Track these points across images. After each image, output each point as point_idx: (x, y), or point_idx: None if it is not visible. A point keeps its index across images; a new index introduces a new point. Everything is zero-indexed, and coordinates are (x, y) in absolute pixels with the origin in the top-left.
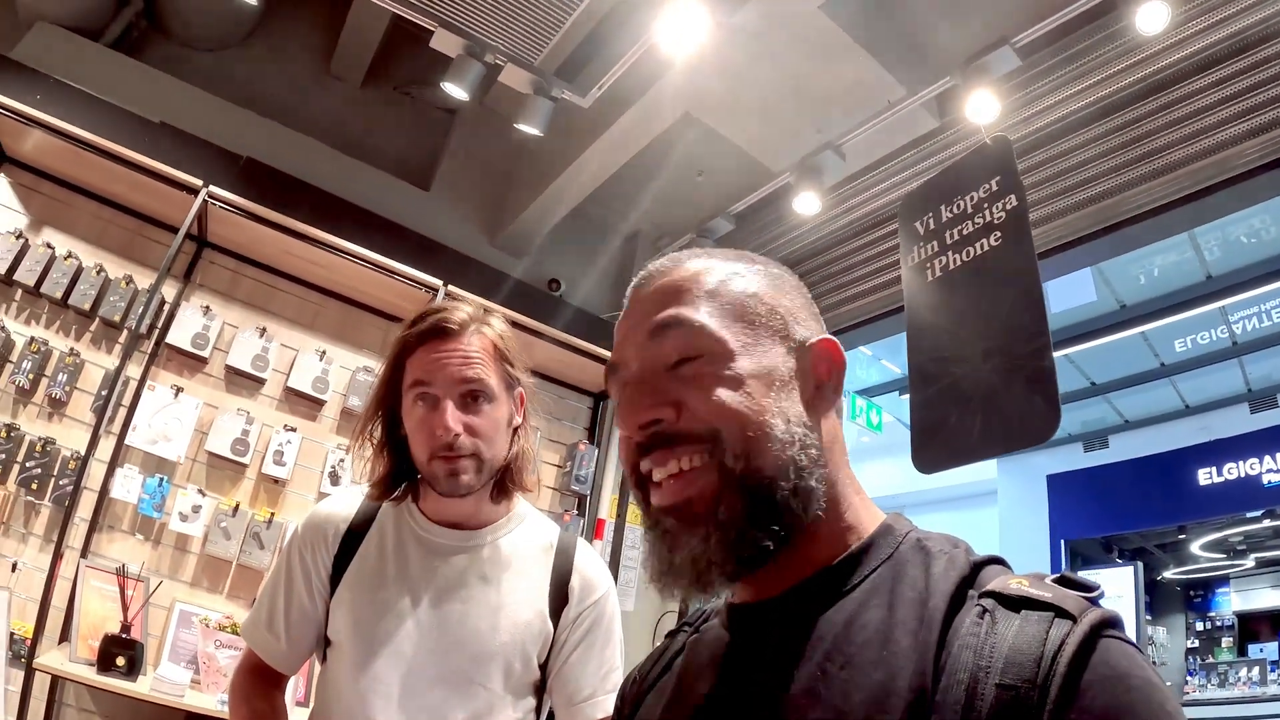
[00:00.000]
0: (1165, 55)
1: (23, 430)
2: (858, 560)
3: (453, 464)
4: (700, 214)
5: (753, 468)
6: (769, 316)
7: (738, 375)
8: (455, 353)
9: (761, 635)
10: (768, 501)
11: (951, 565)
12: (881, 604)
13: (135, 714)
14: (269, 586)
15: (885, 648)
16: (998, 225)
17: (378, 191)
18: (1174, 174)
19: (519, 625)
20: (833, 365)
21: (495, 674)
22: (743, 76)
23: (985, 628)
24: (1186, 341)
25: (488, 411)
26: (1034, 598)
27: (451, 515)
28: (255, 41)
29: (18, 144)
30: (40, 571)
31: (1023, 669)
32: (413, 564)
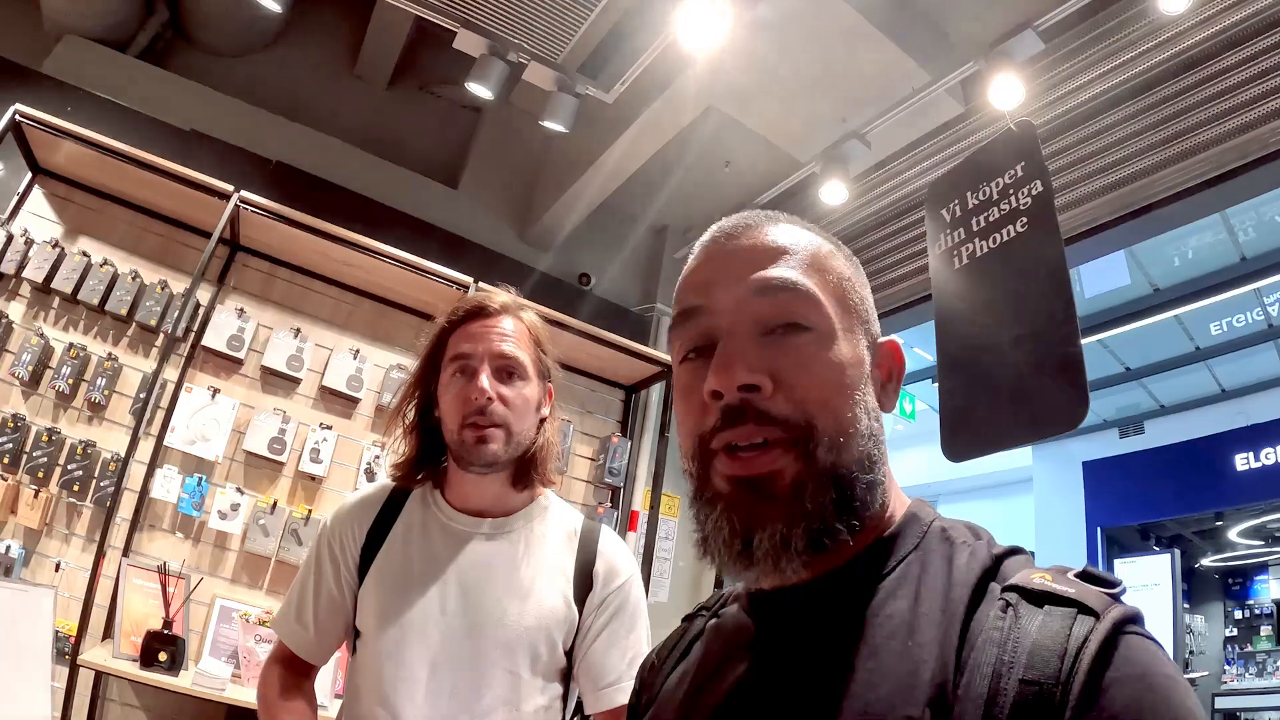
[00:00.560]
0: (1190, 34)
1: (64, 434)
2: (886, 549)
3: (482, 431)
4: (728, 205)
5: (842, 460)
6: (860, 304)
7: (840, 361)
8: (494, 329)
9: (789, 624)
10: (849, 493)
11: (974, 557)
12: (908, 594)
13: (177, 708)
14: (299, 579)
15: (910, 639)
16: (1024, 211)
17: (406, 191)
18: (1203, 155)
19: (544, 611)
20: (895, 366)
21: (522, 659)
22: (765, 67)
23: (1009, 623)
24: (1221, 324)
25: (520, 388)
26: (1057, 593)
27: (477, 503)
28: (280, 47)
29: (51, 155)
30: (83, 571)
31: (1046, 665)
32: (438, 552)
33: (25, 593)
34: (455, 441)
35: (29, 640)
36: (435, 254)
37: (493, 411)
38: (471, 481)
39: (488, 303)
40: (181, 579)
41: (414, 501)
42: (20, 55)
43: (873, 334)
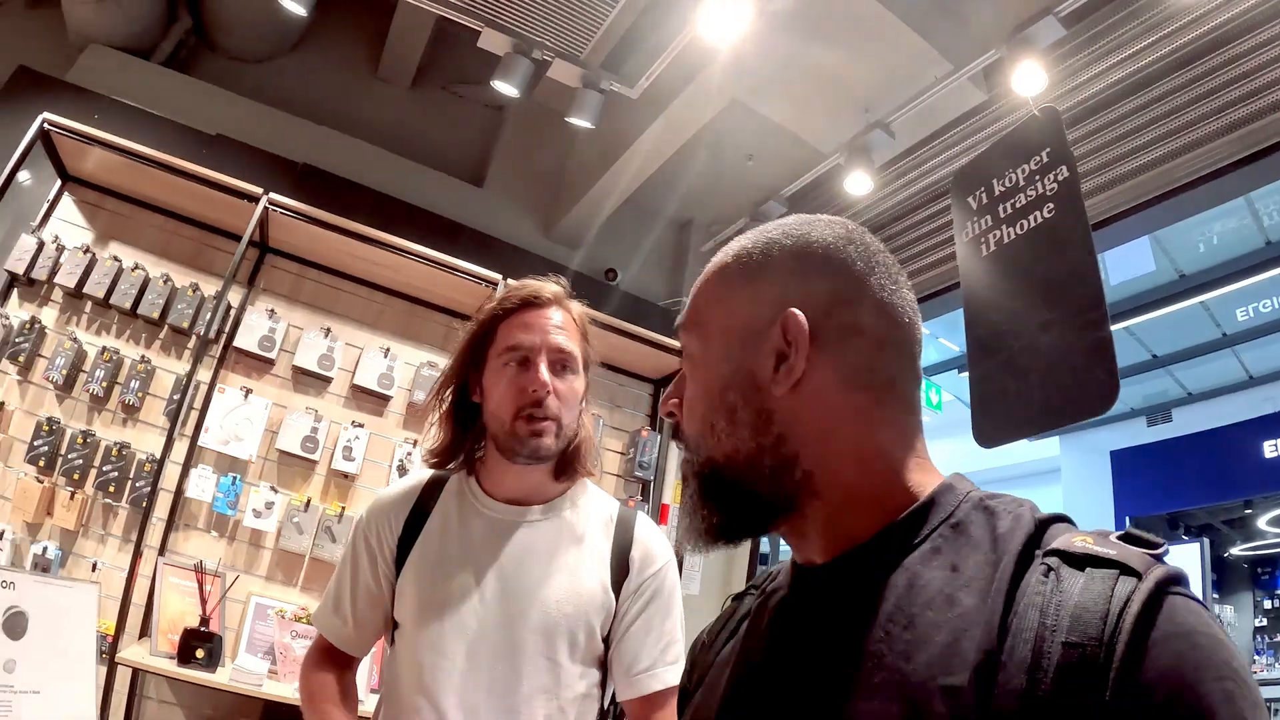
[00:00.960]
0: (1213, 16)
1: (99, 436)
2: (918, 520)
3: (537, 424)
4: (752, 198)
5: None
6: (726, 320)
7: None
8: (549, 320)
9: (821, 597)
10: (717, 484)
11: (1017, 523)
12: (943, 564)
13: (214, 704)
14: (337, 573)
15: (949, 609)
16: (1050, 197)
17: (432, 190)
18: (1226, 138)
19: (582, 597)
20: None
21: (560, 646)
22: (787, 59)
23: (1050, 586)
24: (1248, 310)
25: (571, 381)
26: (1099, 555)
27: (514, 491)
28: (303, 50)
29: (80, 163)
30: (119, 570)
31: (1089, 627)
32: (475, 541)
33: (70, 589)
34: (505, 432)
35: (73, 637)
36: (462, 252)
37: (549, 405)
38: (513, 471)
39: (541, 293)
40: (217, 577)
41: (449, 491)
42: (46, 65)
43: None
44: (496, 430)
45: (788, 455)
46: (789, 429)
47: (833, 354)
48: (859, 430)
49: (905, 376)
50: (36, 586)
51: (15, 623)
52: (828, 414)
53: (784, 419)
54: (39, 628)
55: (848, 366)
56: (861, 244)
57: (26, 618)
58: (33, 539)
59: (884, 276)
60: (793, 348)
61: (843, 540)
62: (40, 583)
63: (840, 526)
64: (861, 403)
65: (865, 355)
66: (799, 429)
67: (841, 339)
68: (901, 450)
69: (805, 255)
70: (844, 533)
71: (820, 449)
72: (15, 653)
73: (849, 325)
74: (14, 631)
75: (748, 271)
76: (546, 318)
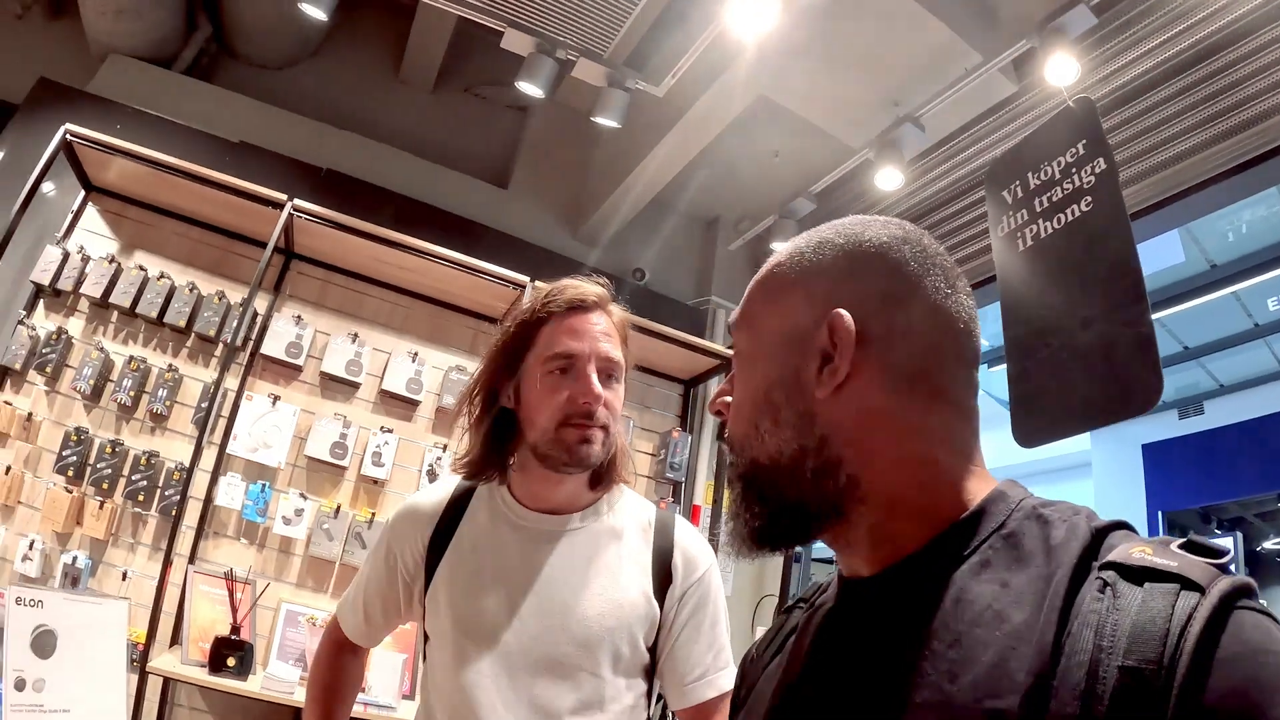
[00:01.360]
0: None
1: (127, 445)
2: (967, 530)
3: (586, 431)
4: (780, 195)
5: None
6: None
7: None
8: (596, 327)
9: (866, 612)
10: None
11: (1072, 534)
12: (993, 578)
13: (245, 712)
14: (362, 571)
15: (998, 626)
16: (1088, 190)
17: (457, 193)
18: (1260, 127)
19: (624, 608)
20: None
21: (603, 659)
22: (815, 53)
23: (1107, 603)
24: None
25: (617, 390)
26: (1158, 568)
27: (548, 501)
28: (323, 56)
29: (103, 173)
30: (149, 579)
31: (1147, 649)
32: (509, 552)
33: (99, 605)
34: (549, 440)
35: (103, 653)
36: (487, 254)
37: (599, 415)
38: (551, 480)
39: (586, 296)
40: (248, 584)
41: (480, 500)
42: (67, 76)
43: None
44: (538, 438)
45: (830, 459)
46: (832, 432)
47: (880, 356)
48: (905, 435)
49: (958, 381)
50: (65, 604)
51: (44, 641)
52: (872, 417)
53: (826, 421)
54: (68, 645)
55: (895, 369)
56: (918, 245)
57: (55, 636)
58: (63, 549)
59: (939, 279)
60: (837, 349)
61: (890, 551)
62: (69, 600)
63: (887, 536)
64: (908, 406)
65: (915, 358)
66: (842, 432)
67: (890, 341)
68: (952, 457)
69: (857, 255)
70: (891, 542)
71: (864, 453)
72: (45, 671)
73: (899, 327)
74: (43, 650)
75: (799, 270)
76: (593, 323)
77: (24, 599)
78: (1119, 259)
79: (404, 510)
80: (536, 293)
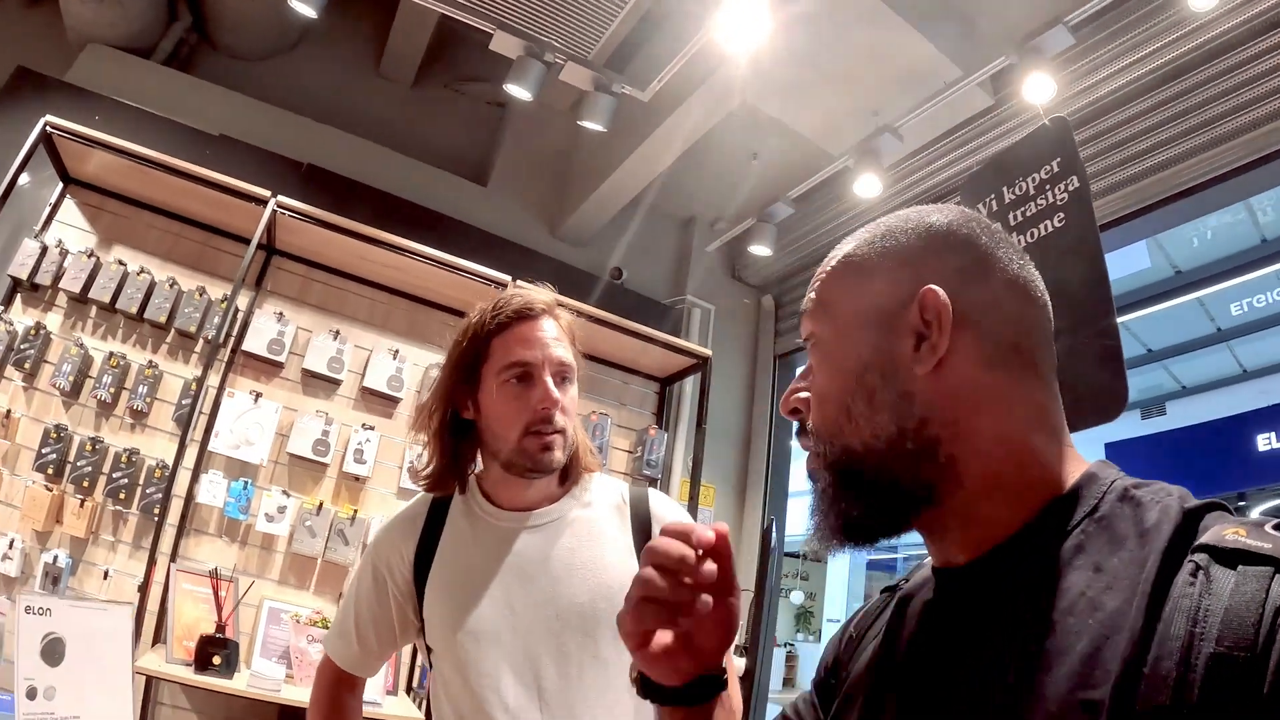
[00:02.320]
0: (1215, 25)
1: (107, 443)
2: (1060, 514)
3: (547, 439)
4: (757, 198)
5: (839, 447)
6: (858, 305)
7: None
8: (546, 334)
9: (960, 601)
10: (855, 475)
11: (1165, 516)
12: (1086, 564)
13: (229, 709)
14: (345, 600)
15: (1092, 614)
16: (1060, 207)
17: (437, 189)
18: (1227, 145)
19: (613, 587)
20: (919, 322)
21: (604, 643)
22: (798, 63)
23: (1199, 588)
24: (1243, 305)
25: (571, 393)
26: (1251, 550)
27: (522, 500)
28: (304, 49)
29: (81, 165)
30: (130, 577)
31: (1240, 634)
32: (494, 554)
33: (105, 611)
34: (513, 449)
35: (110, 658)
36: (468, 252)
37: (557, 420)
38: (519, 484)
39: (533, 304)
40: (230, 582)
41: (456, 509)
42: (45, 65)
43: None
44: (500, 447)
45: (930, 439)
46: (931, 411)
47: (973, 331)
48: (1002, 412)
49: (1044, 356)
50: (72, 611)
51: (53, 649)
52: (971, 394)
53: (926, 400)
54: (76, 652)
55: (989, 343)
56: (981, 222)
57: (64, 643)
58: (43, 547)
59: (1011, 251)
60: (932, 325)
61: (984, 534)
62: (75, 607)
63: (982, 519)
64: (1003, 382)
65: (1005, 330)
66: (941, 411)
67: (980, 314)
68: (1045, 434)
69: (930, 235)
70: (985, 526)
71: (963, 432)
72: (55, 679)
73: (985, 301)
74: (52, 658)
75: (876, 255)
76: (543, 330)
77: (33, 607)
78: (1089, 274)
79: (384, 531)
80: (482, 306)
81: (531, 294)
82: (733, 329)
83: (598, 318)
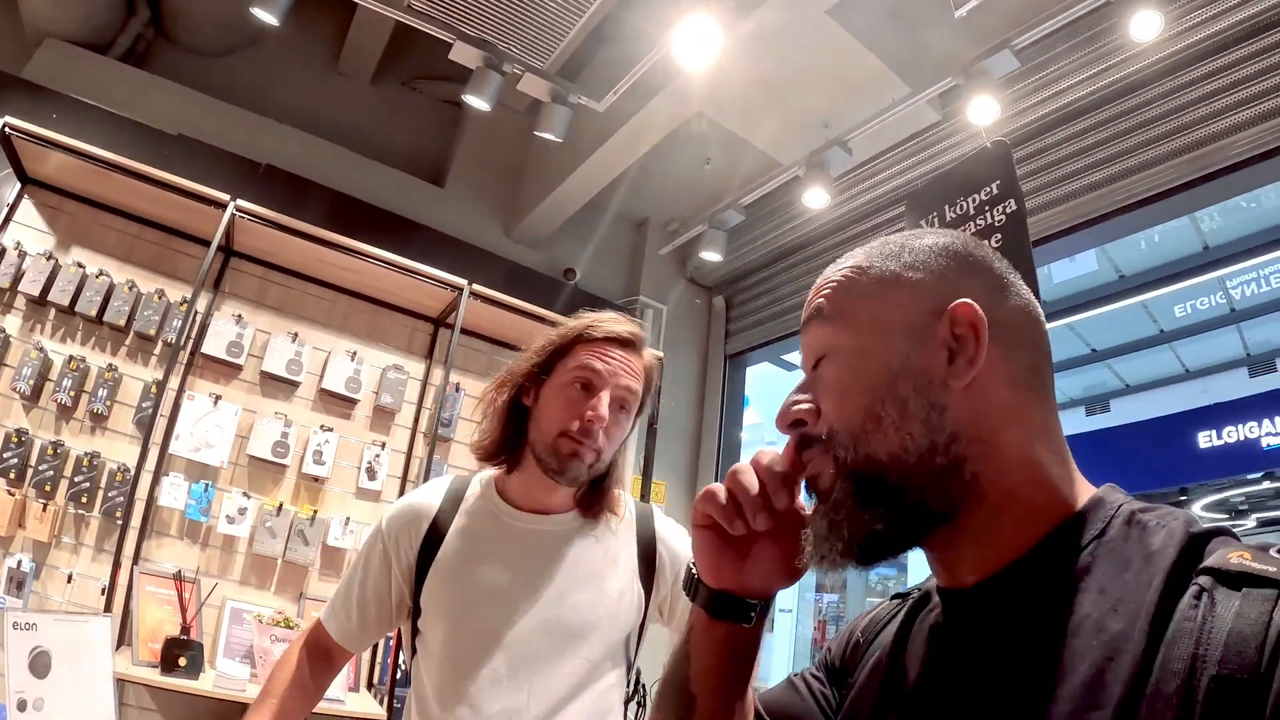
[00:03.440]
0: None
1: (68, 446)
2: (1069, 537)
3: (579, 446)
4: (710, 203)
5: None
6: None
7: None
8: (627, 361)
9: (968, 623)
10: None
11: (1170, 539)
12: (1091, 587)
13: (194, 710)
14: (348, 573)
15: (1095, 636)
16: (998, 228)
17: (394, 190)
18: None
19: (611, 597)
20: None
21: (595, 646)
22: (752, 78)
23: (1203, 610)
24: (1185, 307)
25: (623, 421)
26: (1256, 573)
27: (539, 503)
28: (262, 44)
29: (39, 166)
30: (93, 580)
31: (1243, 657)
32: (502, 550)
33: (86, 624)
34: (546, 446)
35: (93, 668)
36: (423, 252)
37: (597, 434)
38: (546, 484)
39: (623, 332)
40: (192, 584)
41: (471, 501)
42: (1, 62)
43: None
44: (538, 440)
45: (957, 456)
46: (961, 427)
47: (1001, 349)
48: (1023, 433)
49: (1051, 379)
50: (55, 625)
51: (40, 662)
52: (997, 413)
53: (957, 415)
54: (61, 664)
55: (1014, 363)
56: (989, 247)
57: (50, 656)
58: (6, 552)
59: (1016, 277)
60: (966, 340)
61: (995, 556)
62: (58, 620)
63: (996, 540)
64: (1025, 402)
65: (1027, 353)
66: (970, 428)
67: (1006, 334)
68: (1056, 456)
69: (951, 254)
70: (998, 547)
71: (988, 450)
72: (43, 690)
73: (1007, 321)
74: (40, 671)
75: (898, 266)
76: (624, 357)
77: (20, 623)
78: None
79: (398, 510)
80: (582, 316)
81: (627, 324)
82: (684, 329)
83: (546, 318)
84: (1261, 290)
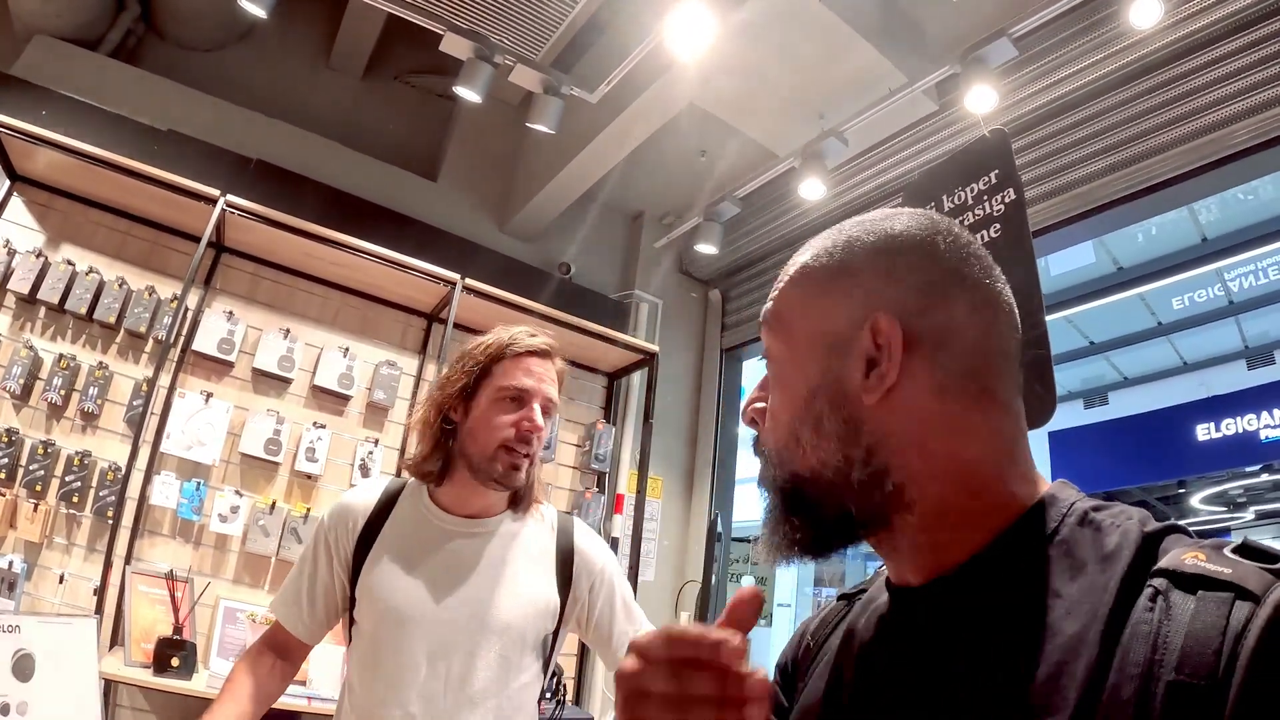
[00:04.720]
0: (1156, 39)
1: (59, 445)
2: (1018, 538)
3: (517, 459)
4: (705, 195)
5: (786, 473)
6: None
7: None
8: (545, 372)
9: (915, 624)
10: (798, 499)
11: (1125, 540)
12: (1044, 589)
13: (187, 710)
14: (296, 567)
15: (1051, 639)
16: (997, 217)
17: (387, 185)
18: (1170, 152)
19: (530, 600)
20: (872, 349)
21: (511, 644)
22: (747, 67)
23: (1159, 613)
24: (1183, 299)
25: (547, 426)
26: (1211, 575)
27: (469, 507)
28: (253, 40)
29: (28, 162)
30: (85, 580)
31: (1200, 662)
32: (432, 550)
33: (69, 625)
34: (485, 459)
35: (77, 670)
36: (416, 247)
37: (533, 442)
38: (478, 491)
39: (540, 346)
40: (185, 583)
41: (405, 502)
42: None
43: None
44: (475, 454)
45: (877, 468)
46: (879, 440)
47: (927, 358)
48: (955, 440)
49: (1005, 378)
50: (39, 626)
51: (23, 665)
52: (921, 423)
53: (874, 429)
54: (45, 667)
55: (943, 371)
56: (949, 234)
57: (33, 659)
58: None
59: (977, 268)
60: (883, 352)
61: (937, 560)
62: (42, 623)
63: (934, 544)
64: (958, 410)
65: (963, 357)
66: (890, 440)
67: (936, 341)
68: (1001, 460)
69: (890, 250)
70: (939, 551)
71: (912, 461)
72: (27, 694)
73: (943, 326)
74: (23, 674)
75: (830, 271)
76: (544, 368)
77: (2, 626)
78: (1022, 284)
79: (337, 506)
80: (499, 334)
81: (540, 337)
82: (680, 323)
83: (543, 314)
84: (1260, 282)
